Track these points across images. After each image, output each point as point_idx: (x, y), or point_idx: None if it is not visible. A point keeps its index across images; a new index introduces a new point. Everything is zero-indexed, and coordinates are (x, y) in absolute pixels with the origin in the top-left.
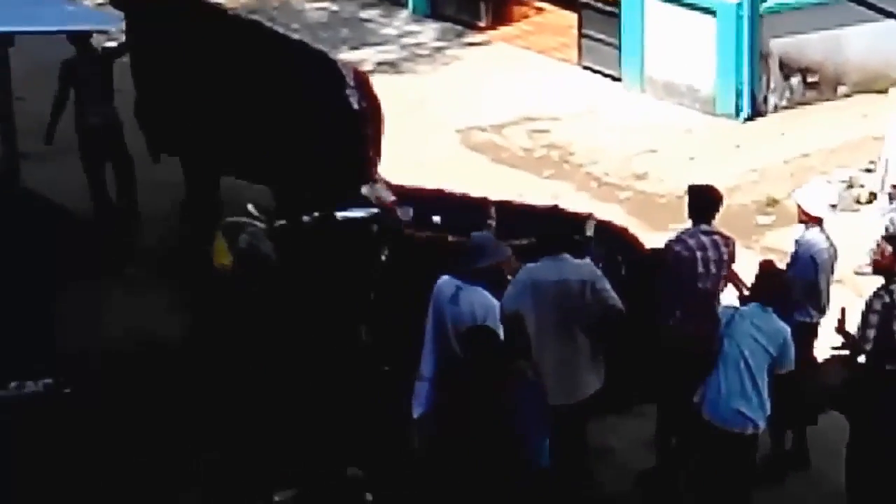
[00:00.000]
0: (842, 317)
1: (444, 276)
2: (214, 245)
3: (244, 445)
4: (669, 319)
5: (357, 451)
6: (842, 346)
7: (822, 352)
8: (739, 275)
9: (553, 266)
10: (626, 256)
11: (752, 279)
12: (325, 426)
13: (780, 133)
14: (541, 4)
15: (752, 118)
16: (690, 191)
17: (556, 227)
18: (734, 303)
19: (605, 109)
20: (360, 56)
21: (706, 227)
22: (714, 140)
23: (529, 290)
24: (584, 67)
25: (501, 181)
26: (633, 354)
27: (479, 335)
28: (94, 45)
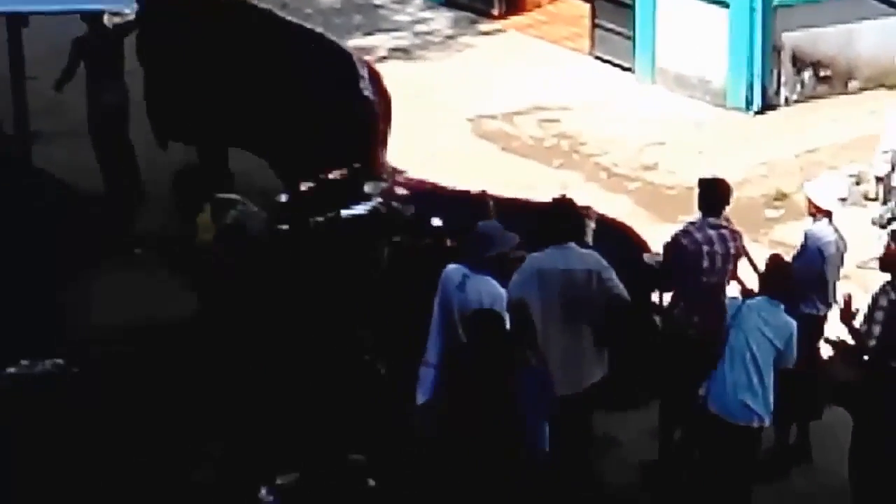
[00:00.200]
0: (846, 305)
1: (451, 265)
2: (199, 219)
3: (246, 430)
4: (674, 311)
5: (359, 437)
6: (846, 342)
7: (828, 345)
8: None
9: (559, 255)
10: (627, 250)
11: (760, 272)
12: (327, 412)
13: (791, 127)
14: None
15: (763, 111)
16: (700, 184)
17: (560, 217)
18: (740, 296)
19: (617, 100)
20: (373, 42)
21: (714, 221)
22: (724, 133)
23: (535, 279)
24: (596, 58)
25: (511, 170)
26: (638, 349)
27: (484, 318)
28: (106, 23)
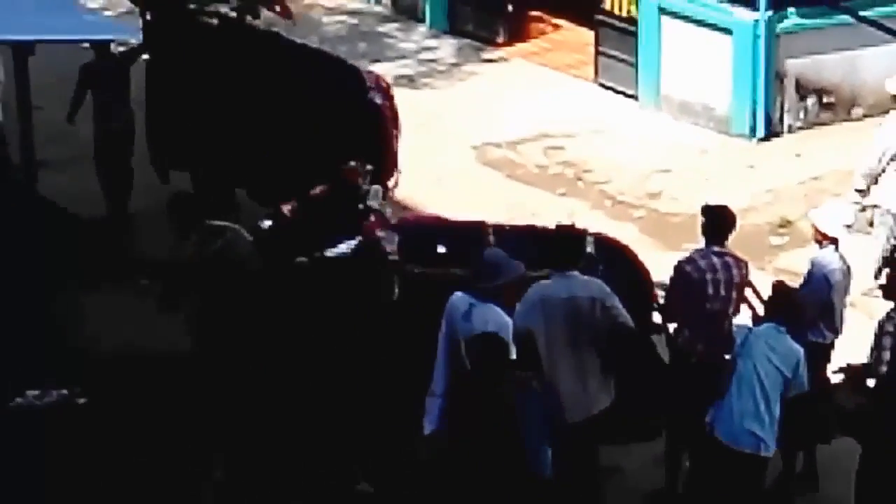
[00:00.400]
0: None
1: (457, 293)
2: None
3: (251, 458)
4: (678, 339)
5: (366, 466)
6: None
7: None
8: (752, 296)
9: (562, 283)
10: (628, 274)
11: (765, 300)
12: (334, 440)
13: (795, 154)
14: (558, 21)
15: (767, 138)
16: (704, 211)
17: (563, 245)
18: (748, 324)
19: (621, 127)
20: (378, 70)
21: (718, 249)
22: (728, 160)
23: (539, 308)
24: (601, 85)
25: (516, 198)
26: (643, 376)
27: (487, 342)
28: (113, 51)
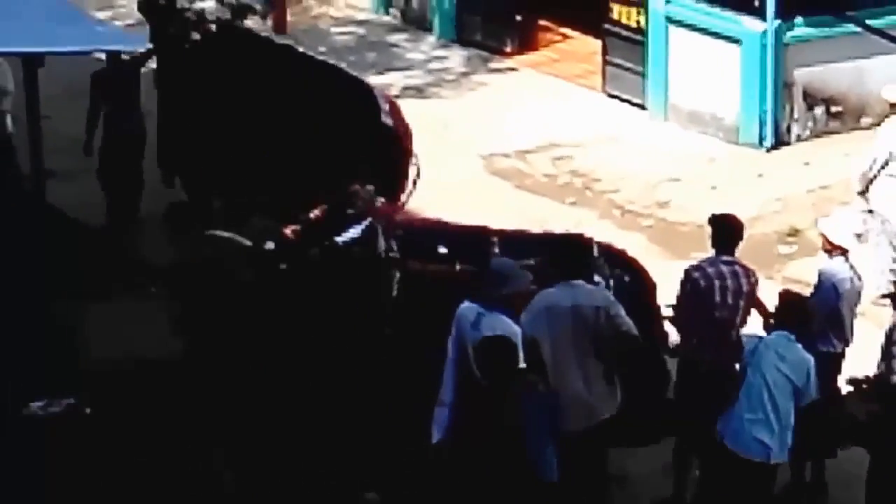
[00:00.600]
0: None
1: (466, 303)
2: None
3: (259, 467)
4: (687, 347)
5: (374, 475)
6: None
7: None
8: (765, 305)
9: (567, 292)
10: (632, 281)
11: (774, 308)
12: (341, 449)
13: (803, 163)
14: (566, 31)
15: (776, 148)
16: (712, 221)
17: (569, 254)
18: (759, 332)
19: (629, 137)
20: (387, 81)
21: (727, 258)
22: (737, 169)
23: (544, 316)
24: (609, 95)
25: (524, 207)
26: (648, 384)
27: (495, 344)
28: (122, 58)
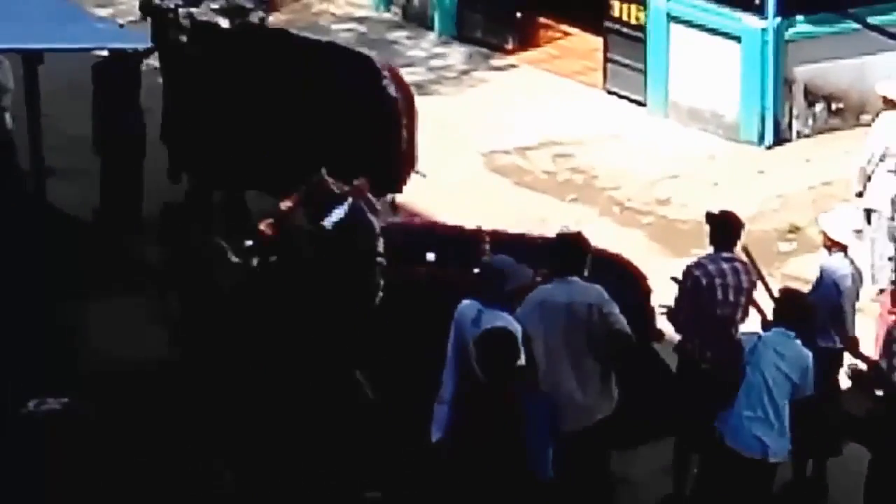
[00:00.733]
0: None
1: (466, 300)
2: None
3: (259, 467)
4: (687, 345)
5: (375, 474)
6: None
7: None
8: (762, 301)
9: (563, 288)
10: (625, 282)
11: (774, 305)
12: (342, 449)
13: (804, 160)
14: (567, 28)
15: (776, 145)
16: (711, 218)
17: (565, 251)
18: (757, 329)
19: (629, 134)
20: None
21: (727, 255)
22: (737, 166)
23: (538, 312)
24: (609, 92)
25: (524, 205)
26: (643, 383)
27: (495, 336)
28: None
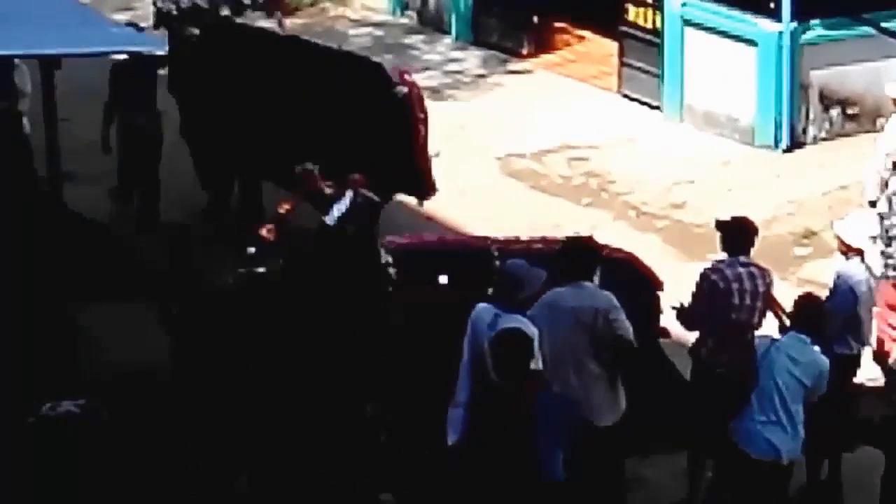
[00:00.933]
0: (879, 347)
1: (481, 304)
2: None
3: (272, 469)
4: (702, 349)
5: (389, 476)
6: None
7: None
8: (780, 305)
9: (572, 293)
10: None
11: (790, 310)
12: (356, 451)
13: (819, 165)
14: (582, 33)
15: (791, 149)
16: (719, 226)
17: (575, 255)
18: (774, 332)
19: (645, 138)
20: None
21: (744, 259)
22: (752, 171)
23: (546, 313)
24: (625, 96)
25: (539, 209)
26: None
27: (510, 335)
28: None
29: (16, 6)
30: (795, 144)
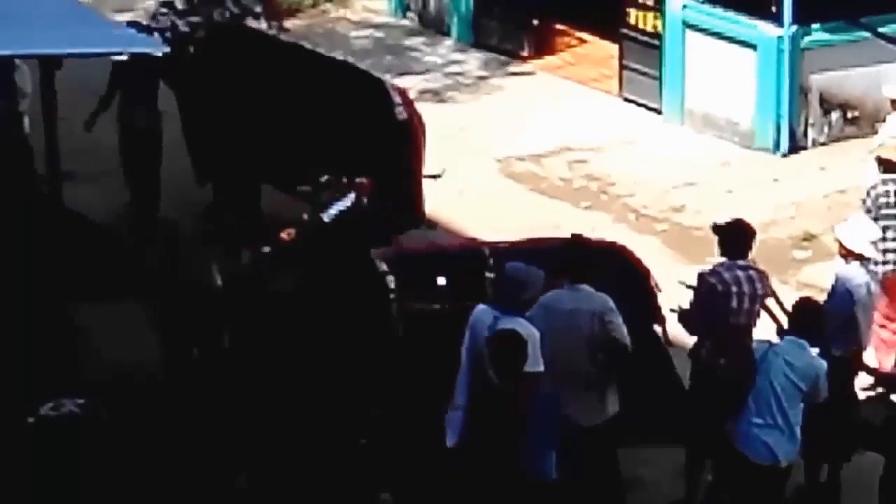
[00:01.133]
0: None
1: (481, 306)
2: None
3: (272, 468)
4: (701, 351)
5: (389, 476)
6: (877, 383)
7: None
8: (775, 310)
9: (569, 295)
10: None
11: (788, 314)
12: (356, 451)
13: (819, 168)
14: (583, 35)
15: (791, 153)
16: (716, 229)
17: (572, 257)
18: (772, 336)
19: (645, 141)
20: (404, 84)
21: (742, 262)
22: (752, 174)
23: (542, 314)
24: (625, 99)
25: (539, 211)
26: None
27: (506, 337)
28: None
29: (16, 6)
30: (795, 148)
